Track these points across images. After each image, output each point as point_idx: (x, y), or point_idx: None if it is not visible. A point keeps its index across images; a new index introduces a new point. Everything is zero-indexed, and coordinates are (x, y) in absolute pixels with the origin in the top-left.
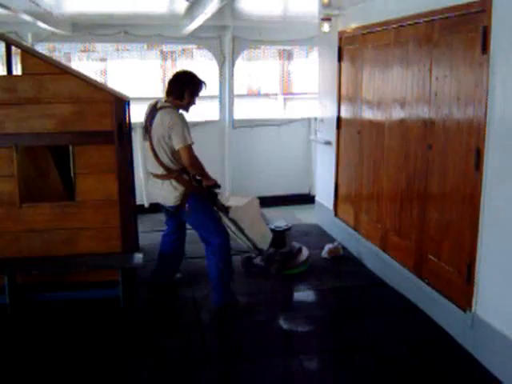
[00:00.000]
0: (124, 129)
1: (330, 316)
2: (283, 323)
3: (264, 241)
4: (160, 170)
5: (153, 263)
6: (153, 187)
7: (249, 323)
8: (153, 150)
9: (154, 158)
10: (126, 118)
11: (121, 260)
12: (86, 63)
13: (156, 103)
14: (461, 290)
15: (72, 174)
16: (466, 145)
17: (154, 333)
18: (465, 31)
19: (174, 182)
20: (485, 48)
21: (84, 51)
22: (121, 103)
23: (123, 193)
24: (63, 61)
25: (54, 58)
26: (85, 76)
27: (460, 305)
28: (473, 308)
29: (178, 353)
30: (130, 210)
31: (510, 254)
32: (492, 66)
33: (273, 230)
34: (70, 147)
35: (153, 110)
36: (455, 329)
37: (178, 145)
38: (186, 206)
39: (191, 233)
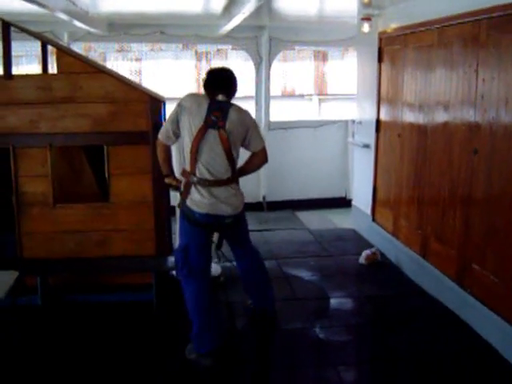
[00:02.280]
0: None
1: (367, 325)
2: (319, 332)
3: None
4: (227, 175)
5: None
6: (215, 196)
7: (284, 331)
8: (228, 150)
9: (228, 160)
10: (161, 119)
11: (155, 263)
12: (121, 63)
13: (213, 98)
14: (507, 301)
15: (106, 175)
16: None
17: (187, 338)
18: None
19: (236, 186)
20: None
21: (119, 51)
22: (156, 103)
23: (158, 194)
24: (98, 61)
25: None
26: (120, 75)
27: (505, 317)
28: None
29: (209, 360)
30: (164, 212)
31: None
32: None
33: None
34: (105, 147)
35: (219, 106)
36: (500, 342)
37: (259, 145)
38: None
39: None
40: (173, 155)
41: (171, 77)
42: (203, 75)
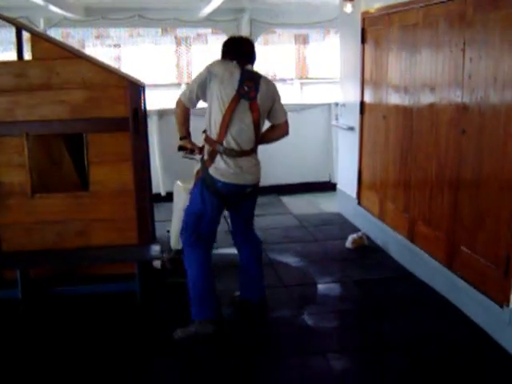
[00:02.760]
0: (140, 115)
1: (356, 311)
2: (307, 319)
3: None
4: (251, 145)
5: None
6: (240, 167)
7: (272, 319)
8: (257, 122)
9: (254, 130)
10: (141, 104)
11: (137, 253)
12: (100, 49)
13: (244, 67)
14: (497, 284)
15: (85, 163)
16: (504, 130)
17: (170, 327)
18: (504, 7)
19: (256, 156)
20: None
21: (98, 37)
22: (136, 88)
23: (139, 182)
24: (77, 47)
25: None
26: (98, 61)
27: (497, 300)
28: (511, 303)
29: (194, 348)
30: (146, 200)
31: None
32: None
33: None
34: (84, 135)
35: (251, 76)
36: (491, 326)
37: (283, 117)
38: None
39: None
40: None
41: (151, 62)
42: (183, 61)
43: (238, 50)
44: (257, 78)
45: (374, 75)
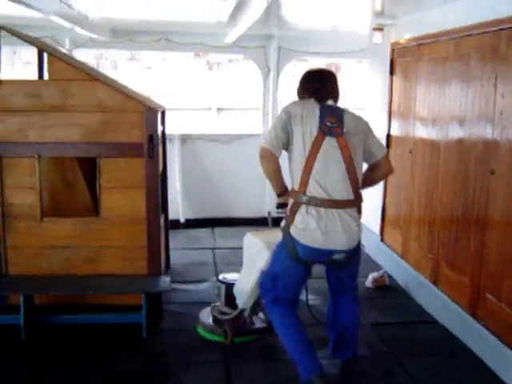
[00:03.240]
0: (155, 141)
1: (371, 356)
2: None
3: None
4: (346, 194)
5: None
6: (327, 221)
7: (279, 362)
8: (348, 160)
9: (348, 173)
10: (157, 129)
11: (145, 283)
12: (133, 71)
13: (324, 103)
14: None
15: (97, 188)
16: None
17: (176, 368)
18: None
19: (356, 210)
20: None
21: (131, 59)
22: (152, 113)
23: (152, 210)
24: (110, 69)
25: (100, 65)
26: (115, 83)
27: None
28: None
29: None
30: (158, 229)
31: None
32: None
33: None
34: (97, 159)
35: (332, 111)
36: None
37: (382, 151)
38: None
39: None
40: None
41: (183, 86)
42: (214, 85)
43: (319, 84)
44: (340, 112)
45: (401, 108)
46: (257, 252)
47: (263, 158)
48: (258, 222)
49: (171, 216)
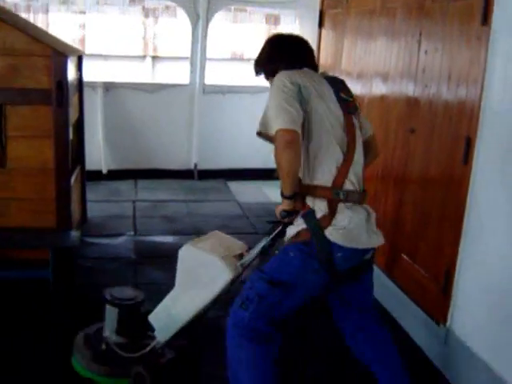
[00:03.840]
0: (65, 88)
1: None
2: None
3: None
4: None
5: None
6: (366, 219)
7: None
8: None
9: (362, 158)
10: (68, 76)
11: (52, 238)
12: (65, 15)
13: (323, 73)
14: (436, 298)
15: (3, 137)
16: (454, 131)
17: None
18: None
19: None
20: (485, 18)
21: (63, 3)
22: (62, 58)
23: (61, 161)
24: (40, 13)
25: (30, 8)
26: (23, 24)
27: (434, 316)
28: (448, 322)
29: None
30: (68, 181)
31: (494, 263)
32: (492, 40)
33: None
34: (2, 106)
35: (336, 81)
36: (427, 343)
37: (371, 127)
38: None
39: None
40: None
41: (117, 33)
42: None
43: (304, 51)
44: (343, 82)
45: (328, 61)
46: (209, 272)
47: (290, 145)
48: (184, 175)
49: (93, 167)
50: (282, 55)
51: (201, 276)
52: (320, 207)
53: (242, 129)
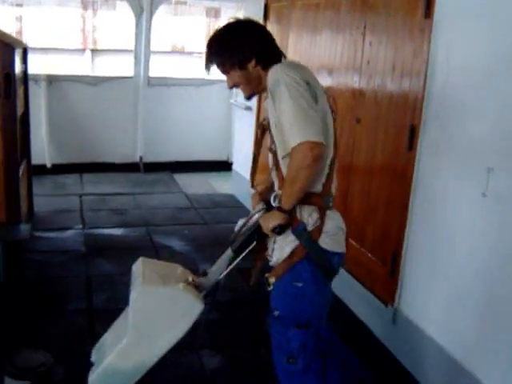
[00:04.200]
0: (12, 80)
1: (240, 302)
2: None
3: None
4: None
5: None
6: (342, 223)
7: None
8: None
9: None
10: (15, 68)
11: (3, 231)
12: (1, 8)
13: None
14: (383, 280)
15: None
16: (399, 121)
17: (34, 315)
18: None
19: None
20: (428, 12)
21: None
22: (9, 50)
23: (9, 154)
24: None
25: None
26: None
27: (382, 298)
28: (395, 302)
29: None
30: (17, 175)
31: (438, 245)
32: (435, 32)
33: None
34: None
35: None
36: (376, 324)
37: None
38: None
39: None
40: None
41: (55, 25)
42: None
43: (273, 42)
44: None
45: None
46: (175, 309)
47: (318, 161)
48: (129, 168)
49: (37, 161)
50: (253, 42)
51: (164, 317)
52: (311, 216)
53: (187, 121)
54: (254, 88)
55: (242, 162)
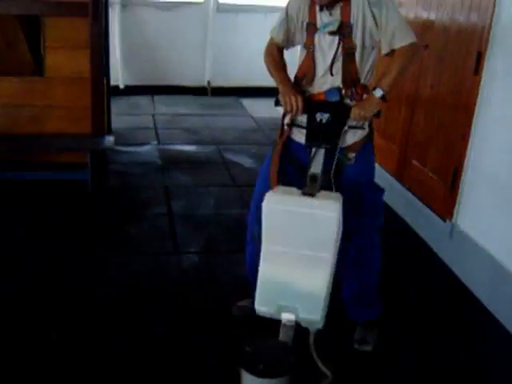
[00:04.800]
0: (100, 1)
1: None
2: None
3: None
4: None
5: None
6: None
7: (223, 216)
8: None
9: None
10: None
11: (90, 142)
12: None
13: None
14: (443, 197)
15: (41, 48)
16: (466, 47)
17: (122, 220)
18: None
19: None
20: None
21: None
22: None
23: (96, 71)
24: None
25: None
26: None
27: (440, 214)
28: (453, 217)
29: (143, 242)
30: (102, 90)
31: (500, 159)
32: None
33: None
34: (41, 18)
35: None
36: (434, 239)
37: None
38: None
39: None
40: None
41: None
42: None
43: None
44: None
45: None
46: (324, 222)
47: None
48: (197, 91)
49: (111, 82)
50: None
51: (312, 233)
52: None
53: (254, 48)
54: None
55: None
